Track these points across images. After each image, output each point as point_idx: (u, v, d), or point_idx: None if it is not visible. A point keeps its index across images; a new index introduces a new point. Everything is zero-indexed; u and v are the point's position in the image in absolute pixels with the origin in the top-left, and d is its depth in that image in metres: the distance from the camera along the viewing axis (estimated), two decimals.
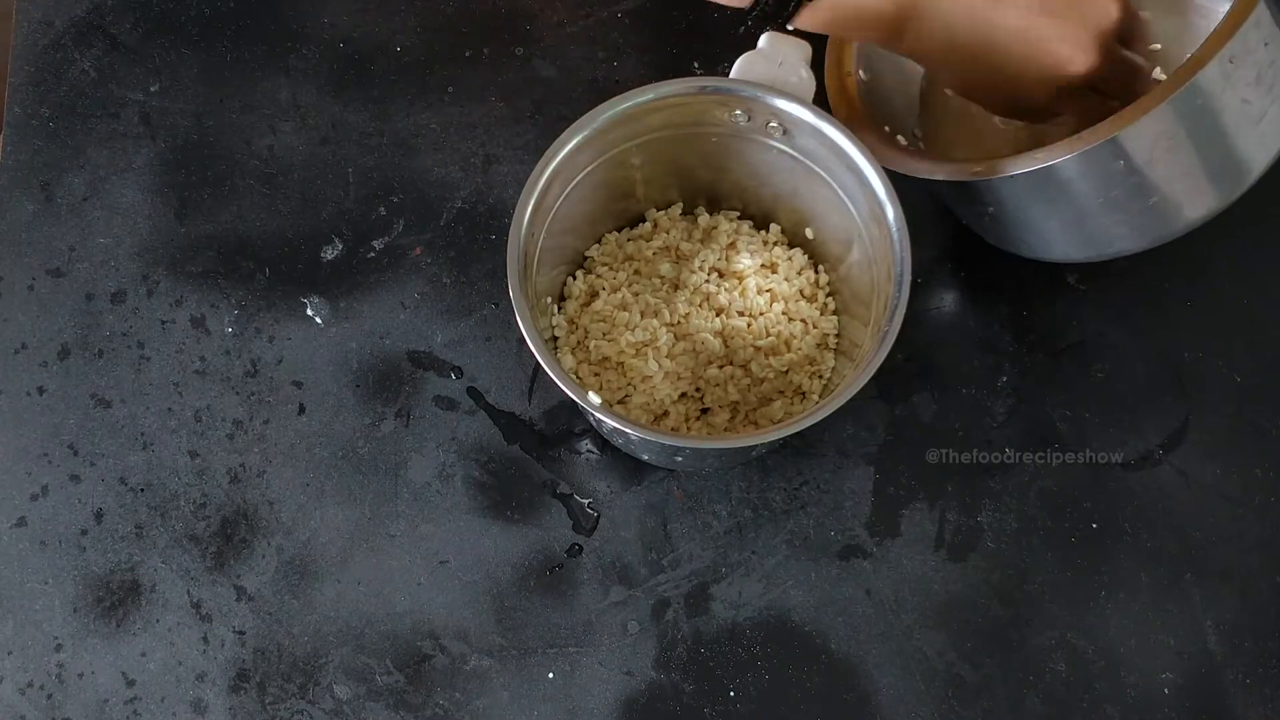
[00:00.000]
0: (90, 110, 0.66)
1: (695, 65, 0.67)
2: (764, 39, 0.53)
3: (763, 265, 0.60)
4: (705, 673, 0.57)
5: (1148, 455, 0.60)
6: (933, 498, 0.60)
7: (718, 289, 0.59)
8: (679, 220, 0.62)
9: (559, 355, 0.58)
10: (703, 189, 0.61)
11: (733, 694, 0.57)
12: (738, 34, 0.67)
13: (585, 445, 0.61)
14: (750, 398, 0.58)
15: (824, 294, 0.60)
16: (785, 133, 0.54)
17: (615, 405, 0.58)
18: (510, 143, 0.66)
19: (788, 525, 0.59)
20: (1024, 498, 0.60)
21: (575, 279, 0.61)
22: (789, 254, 0.60)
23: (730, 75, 0.53)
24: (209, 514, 0.60)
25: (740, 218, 0.62)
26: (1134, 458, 0.60)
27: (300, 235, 0.64)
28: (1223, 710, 0.56)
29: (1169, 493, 0.60)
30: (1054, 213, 0.54)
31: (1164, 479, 0.60)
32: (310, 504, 0.60)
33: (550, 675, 0.57)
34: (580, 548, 0.59)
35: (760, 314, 0.58)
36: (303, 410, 0.61)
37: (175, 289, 0.63)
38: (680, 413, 0.58)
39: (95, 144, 0.66)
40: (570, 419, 0.61)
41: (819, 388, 0.58)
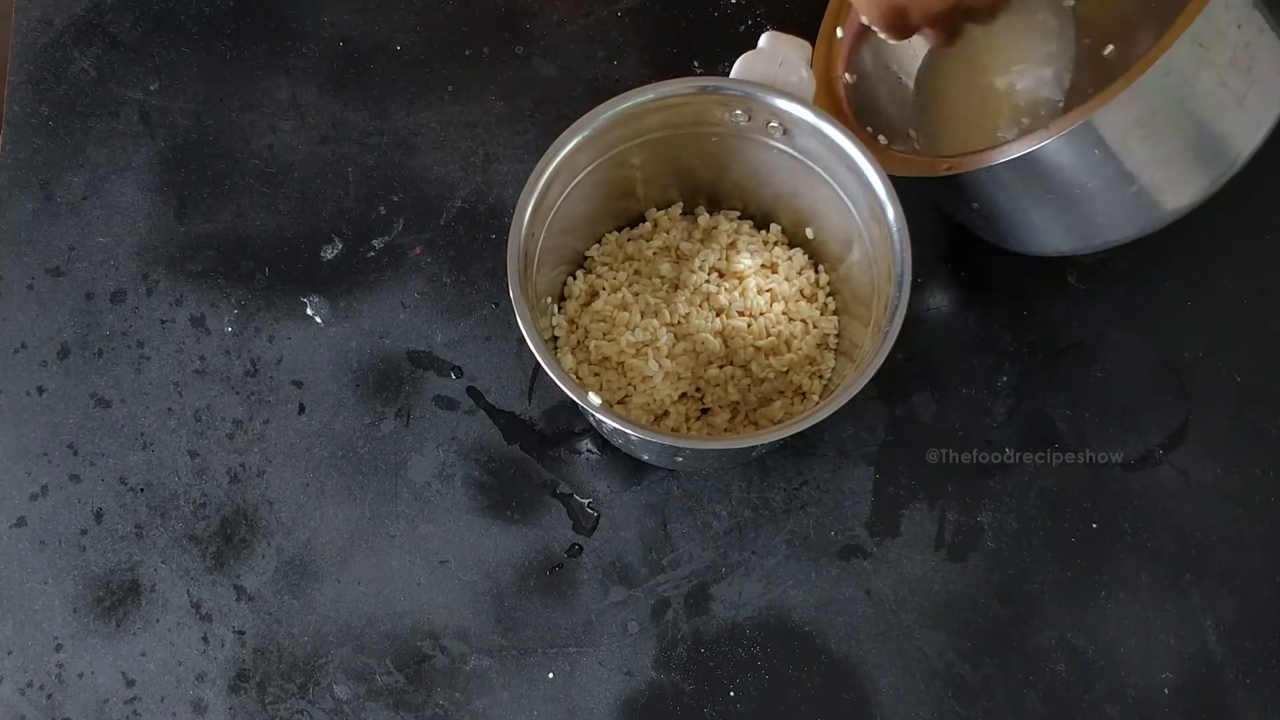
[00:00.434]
0: (90, 109, 0.66)
1: (695, 65, 0.67)
2: (764, 39, 0.53)
3: (763, 265, 0.60)
4: (705, 673, 0.57)
5: (1148, 455, 0.60)
6: (933, 498, 0.60)
7: (718, 289, 0.59)
8: (679, 220, 0.62)
9: (559, 355, 0.58)
10: (703, 189, 0.61)
11: (733, 694, 0.57)
12: (738, 34, 0.68)
13: (585, 445, 0.61)
14: (750, 398, 0.58)
15: (824, 294, 0.60)
16: (785, 132, 0.54)
17: (615, 405, 0.58)
18: (510, 142, 0.66)
19: (788, 525, 0.59)
20: (1024, 498, 0.60)
21: (575, 279, 0.61)
22: (789, 254, 0.60)
23: (730, 75, 0.53)
24: (209, 514, 0.60)
25: (740, 218, 0.62)
26: (1134, 458, 0.60)
27: (300, 234, 0.64)
28: (1222, 710, 0.56)
29: (1169, 493, 0.60)
30: (1035, 204, 0.54)
31: (1164, 479, 0.60)
32: (310, 504, 0.60)
33: (550, 675, 0.57)
34: (580, 548, 0.59)
35: (760, 314, 0.58)
36: (303, 410, 0.61)
37: (175, 288, 0.63)
38: (680, 413, 0.58)
39: (95, 143, 0.66)
40: (570, 419, 0.61)
41: (819, 388, 0.58)
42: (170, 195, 0.65)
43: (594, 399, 0.49)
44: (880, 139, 0.58)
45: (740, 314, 0.59)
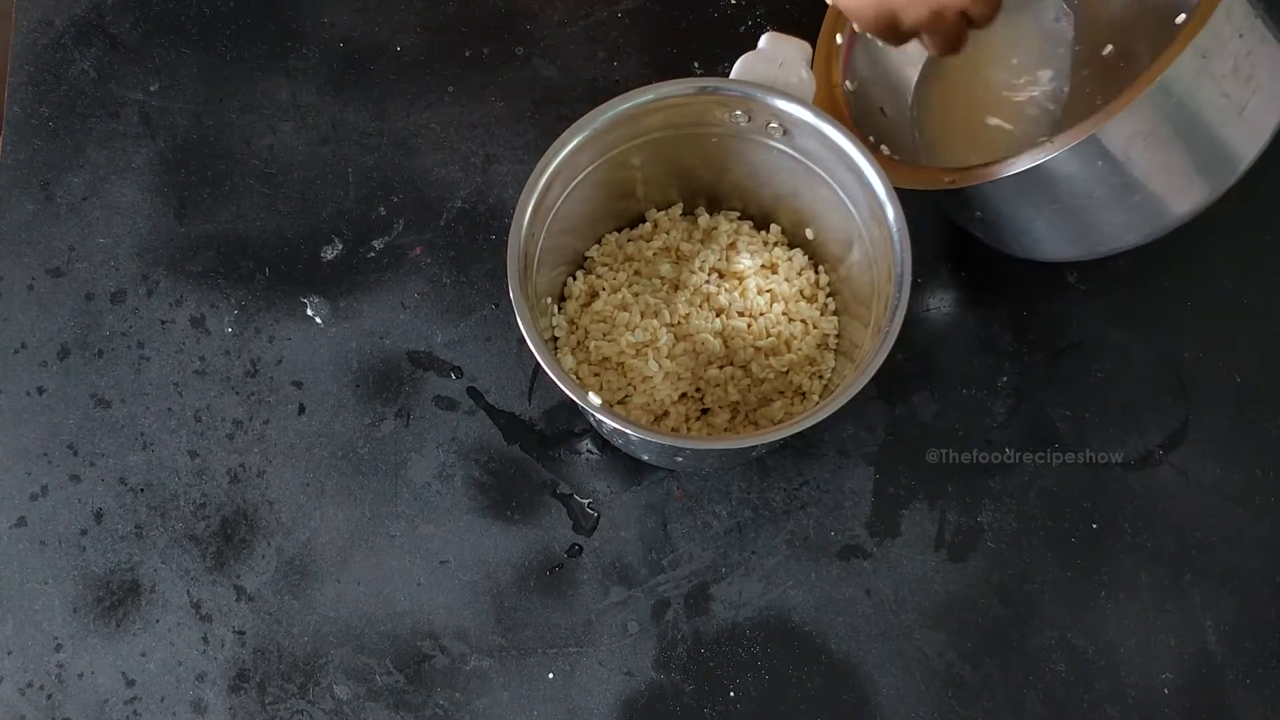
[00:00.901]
0: (90, 110, 0.66)
1: (695, 65, 0.67)
2: (764, 39, 0.53)
3: (763, 266, 0.60)
4: (705, 673, 0.57)
5: (1148, 455, 0.60)
6: (933, 498, 0.60)
7: (718, 289, 0.59)
8: (679, 220, 0.62)
9: (559, 355, 0.58)
10: (703, 189, 0.61)
11: (733, 694, 0.57)
12: (738, 34, 0.68)
13: (585, 445, 0.61)
14: (750, 398, 0.58)
15: (824, 294, 0.60)
16: (785, 133, 0.54)
17: (615, 405, 0.58)
18: (510, 143, 0.66)
19: (788, 525, 0.59)
20: (1024, 498, 0.60)
21: (575, 279, 0.61)
22: (789, 254, 0.60)
23: (730, 75, 0.53)
24: (209, 514, 0.60)
25: (740, 218, 0.62)
26: (1134, 458, 0.60)
27: (300, 235, 0.64)
28: (1222, 710, 0.56)
29: (1169, 493, 0.60)
30: (1040, 214, 0.54)
31: (1164, 479, 0.60)
32: (310, 504, 0.60)
33: (550, 675, 0.57)
34: (580, 548, 0.59)
35: (760, 314, 0.58)
36: (303, 410, 0.61)
37: (175, 289, 0.63)
38: (680, 413, 0.58)
39: (95, 143, 0.66)
40: (570, 419, 0.61)
41: (819, 388, 0.58)
42: (170, 196, 0.65)
43: (594, 399, 0.49)
44: (883, 149, 0.58)
45: (740, 314, 0.59)
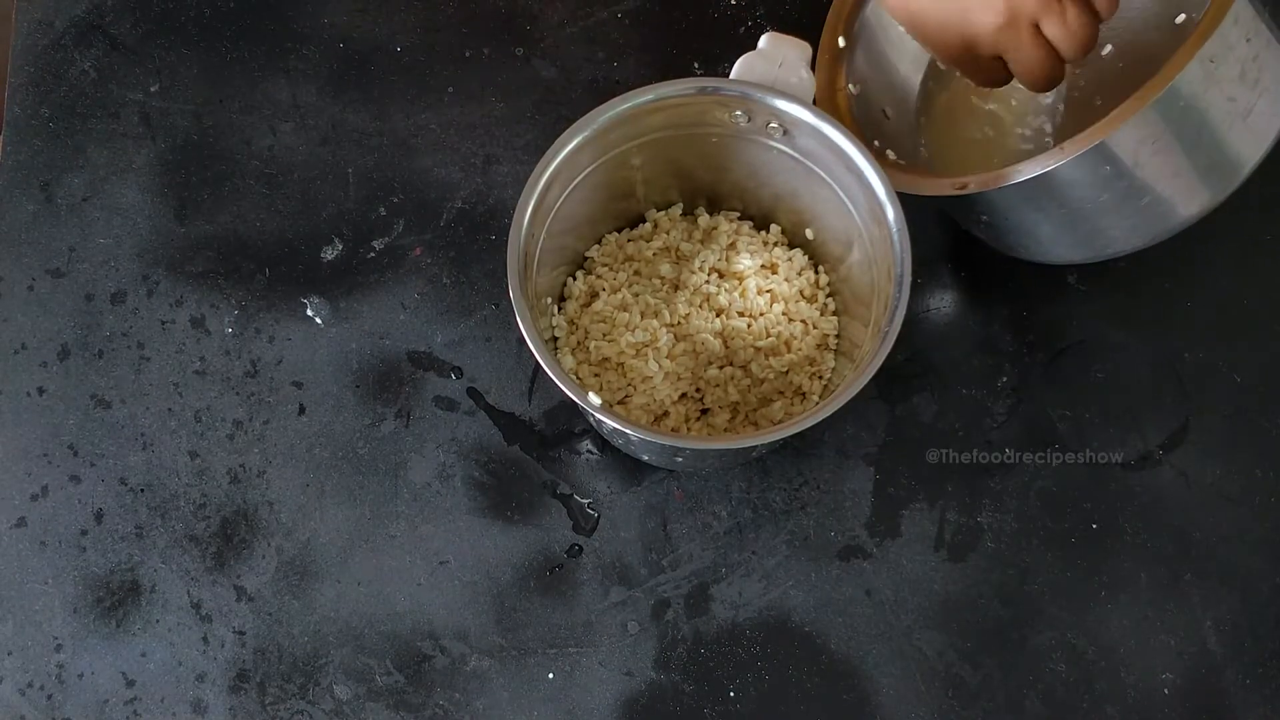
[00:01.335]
0: (90, 110, 0.66)
1: (695, 65, 0.67)
2: (764, 39, 0.53)
3: (763, 266, 0.60)
4: (705, 673, 0.57)
5: (1148, 455, 0.60)
6: (933, 498, 0.60)
7: (718, 289, 0.59)
8: (679, 221, 0.62)
9: (559, 356, 0.58)
10: (703, 189, 0.61)
11: (733, 694, 0.57)
12: (738, 34, 0.68)
13: (585, 445, 0.61)
14: (750, 398, 0.58)
15: (824, 294, 0.60)
16: (785, 133, 0.54)
17: (615, 406, 0.58)
18: (510, 143, 0.66)
19: (788, 525, 0.59)
20: (1024, 498, 0.60)
21: (575, 279, 0.61)
22: (789, 254, 0.60)
23: (730, 76, 0.53)
24: (209, 514, 0.60)
25: (740, 218, 0.62)
26: (1134, 458, 0.60)
27: (300, 235, 0.64)
28: (1223, 710, 0.56)
29: (1169, 493, 0.60)
30: (1046, 219, 0.54)
31: (1164, 479, 0.60)
32: (310, 504, 0.60)
33: (550, 676, 0.57)
34: (580, 548, 0.59)
35: (760, 315, 0.58)
36: (303, 411, 0.61)
37: (175, 289, 0.63)
38: (680, 413, 0.58)
39: (95, 144, 0.66)
40: (570, 419, 0.61)
41: (819, 388, 0.58)
42: (170, 196, 0.65)
43: (594, 399, 0.49)
44: (889, 153, 0.58)
45: (740, 314, 0.59)
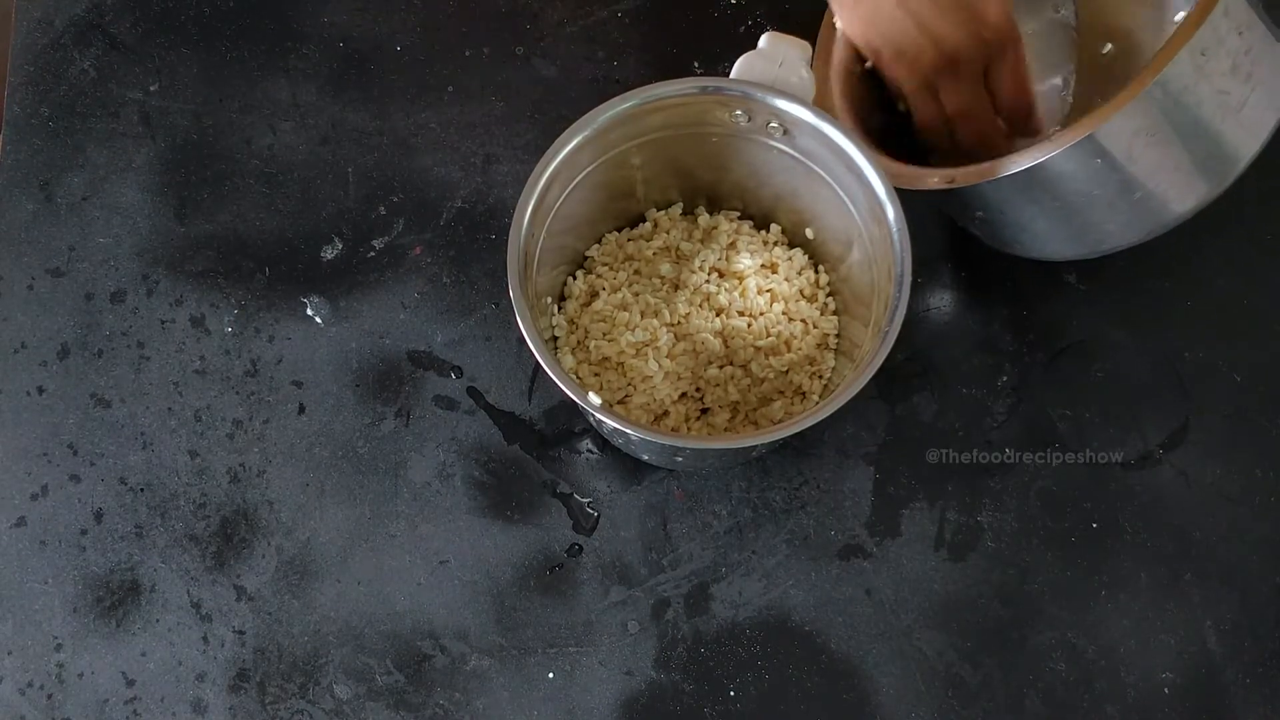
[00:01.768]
0: (90, 110, 0.66)
1: (695, 65, 0.67)
2: (764, 39, 0.53)
3: (763, 265, 0.60)
4: (705, 672, 0.57)
5: (1148, 455, 0.60)
6: (933, 498, 0.60)
7: (718, 289, 0.59)
8: (679, 220, 0.62)
9: (559, 355, 0.58)
10: (703, 189, 0.61)
11: (733, 694, 0.57)
12: (738, 34, 0.68)
13: (585, 445, 0.61)
14: (750, 398, 0.58)
15: (824, 294, 0.60)
16: (785, 133, 0.54)
17: (615, 405, 0.58)
18: (510, 142, 0.66)
19: (788, 525, 0.59)
20: (1024, 498, 0.60)
21: (575, 279, 0.60)
22: (789, 254, 0.60)
23: (730, 75, 0.53)
24: (209, 514, 0.60)
25: (740, 218, 0.62)
26: (1134, 457, 0.60)
27: (300, 235, 0.64)
28: (1223, 710, 0.56)
29: (1169, 493, 0.60)
30: (1040, 213, 0.54)
31: (1164, 479, 0.60)
32: (310, 504, 0.60)
33: (550, 675, 0.57)
34: (580, 548, 0.59)
35: (760, 314, 0.58)
36: (302, 410, 0.61)
37: (175, 289, 0.63)
38: (680, 413, 0.58)
39: (95, 143, 0.66)
40: (570, 419, 0.61)
41: (819, 388, 0.58)
42: (170, 196, 0.65)
43: (594, 399, 0.49)
44: (883, 154, 0.58)
45: (740, 314, 0.59)
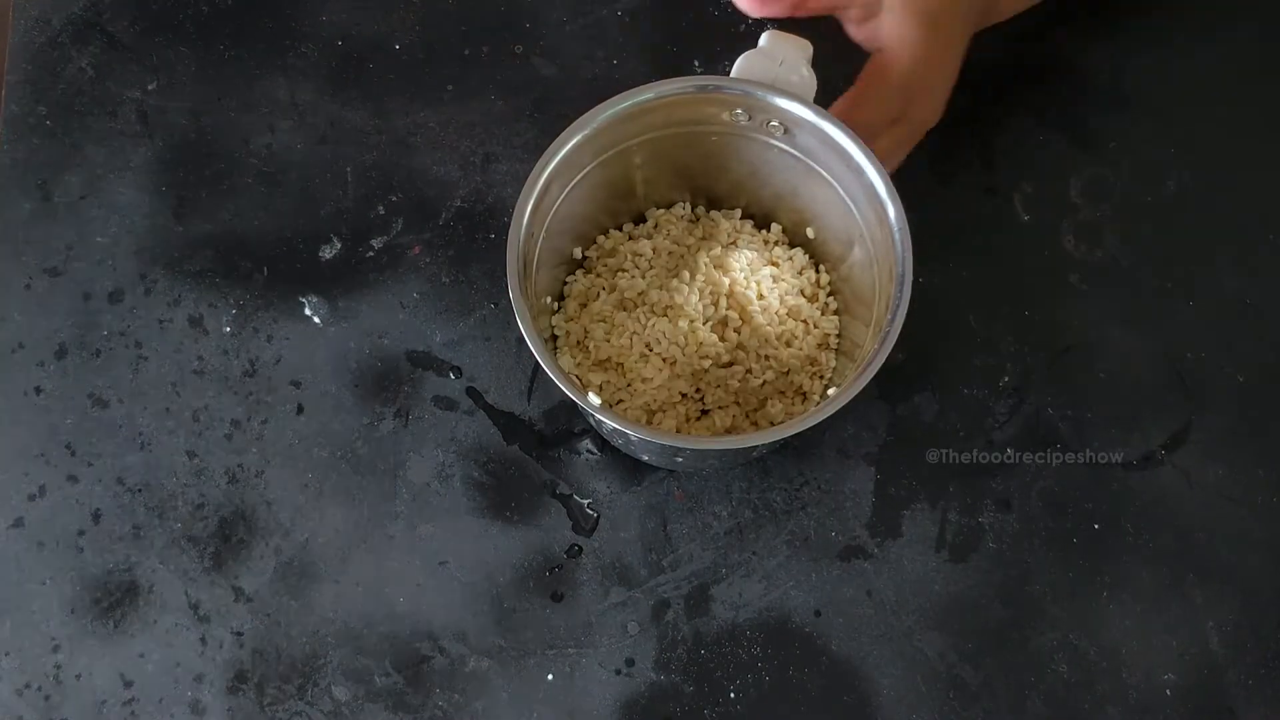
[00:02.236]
0: (87, 108, 0.66)
1: (695, 64, 0.67)
2: (765, 38, 0.53)
3: (764, 265, 0.59)
4: (705, 674, 0.57)
5: (1150, 455, 0.60)
6: (934, 498, 0.60)
7: (718, 289, 0.59)
8: (680, 219, 0.61)
9: (559, 355, 0.58)
10: (703, 188, 0.61)
11: (733, 695, 0.57)
12: (738, 33, 0.67)
13: (585, 445, 0.61)
14: (750, 398, 0.58)
15: (825, 294, 0.60)
16: (786, 132, 0.53)
17: (615, 406, 0.58)
18: (510, 141, 0.66)
19: (788, 526, 0.59)
20: (1025, 498, 0.59)
21: (575, 279, 0.60)
22: (790, 254, 0.60)
23: (731, 74, 0.52)
24: (207, 514, 0.60)
25: (741, 217, 0.61)
26: (1136, 458, 0.60)
27: (298, 234, 0.64)
28: (1225, 711, 0.56)
29: (1171, 493, 0.59)
30: None
31: (1166, 479, 0.60)
32: (309, 504, 0.60)
33: (550, 676, 0.57)
34: (580, 548, 0.59)
35: (761, 314, 0.58)
36: (301, 410, 0.61)
37: (173, 288, 0.63)
38: (680, 413, 0.58)
39: (92, 142, 0.66)
40: (570, 419, 0.61)
41: (820, 388, 0.58)
42: (168, 195, 0.65)
43: (594, 399, 0.49)
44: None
45: (741, 314, 0.58)
